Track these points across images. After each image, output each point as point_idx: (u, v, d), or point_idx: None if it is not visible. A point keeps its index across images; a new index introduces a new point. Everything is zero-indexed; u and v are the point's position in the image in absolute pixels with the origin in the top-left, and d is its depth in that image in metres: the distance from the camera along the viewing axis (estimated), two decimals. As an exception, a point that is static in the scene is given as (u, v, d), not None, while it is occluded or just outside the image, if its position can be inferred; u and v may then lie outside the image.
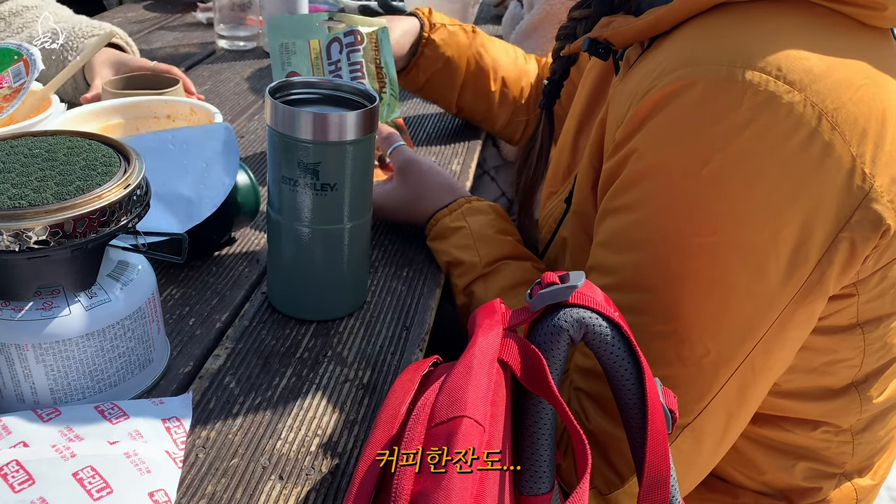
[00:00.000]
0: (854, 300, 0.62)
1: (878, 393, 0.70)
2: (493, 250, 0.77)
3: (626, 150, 0.59)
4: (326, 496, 0.52)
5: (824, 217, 0.53)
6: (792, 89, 0.52)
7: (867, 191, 0.53)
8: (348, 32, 0.94)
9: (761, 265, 0.54)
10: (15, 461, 0.46)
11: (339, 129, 0.60)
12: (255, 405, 0.59)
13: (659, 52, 0.59)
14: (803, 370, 0.66)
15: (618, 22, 0.65)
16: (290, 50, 0.94)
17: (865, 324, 0.64)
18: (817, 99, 0.52)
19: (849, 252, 0.55)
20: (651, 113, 0.56)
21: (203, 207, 0.70)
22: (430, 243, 0.81)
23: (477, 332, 0.48)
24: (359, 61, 0.94)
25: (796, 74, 0.52)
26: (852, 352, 0.66)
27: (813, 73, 0.52)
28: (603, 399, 0.60)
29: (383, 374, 0.64)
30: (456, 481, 0.37)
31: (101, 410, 0.52)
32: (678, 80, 0.54)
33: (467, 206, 0.81)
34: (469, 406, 0.41)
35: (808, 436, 0.70)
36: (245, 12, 1.41)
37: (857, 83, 0.53)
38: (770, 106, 0.51)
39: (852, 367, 0.67)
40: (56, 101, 0.86)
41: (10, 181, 0.51)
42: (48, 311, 0.51)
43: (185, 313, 0.68)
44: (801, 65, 0.52)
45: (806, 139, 0.52)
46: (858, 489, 0.75)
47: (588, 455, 0.42)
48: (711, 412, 0.59)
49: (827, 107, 0.52)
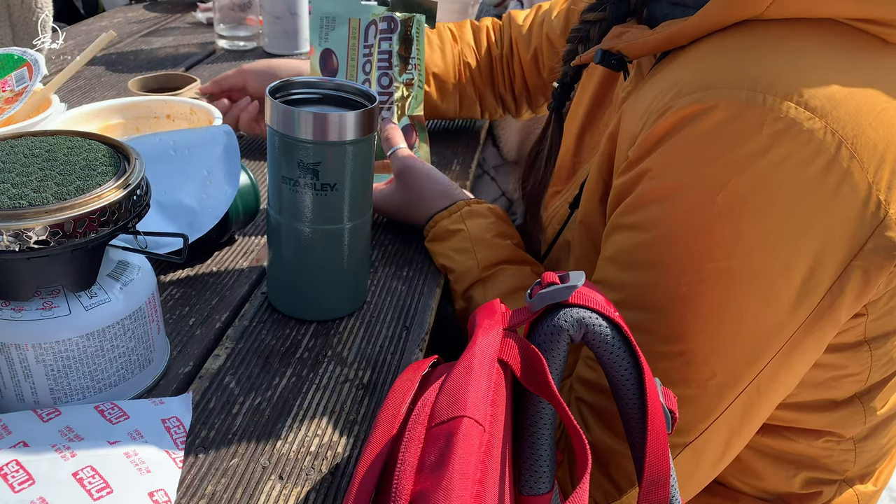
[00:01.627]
0: (863, 319, 0.61)
1: (882, 404, 0.70)
2: (492, 254, 0.77)
3: (639, 169, 0.58)
4: (326, 496, 0.52)
5: (838, 245, 0.53)
6: (813, 116, 0.51)
7: (882, 218, 0.52)
8: (384, 18, 0.92)
9: (772, 292, 0.54)
10: (15, 461, 0.46)
11: (339, 129, 0.60)
12: (255, 405, 0.59)
13: (675, 69, 0.58)
14: (810, 385, 0.65)
15: (631, 34, 0.64)
16: (331, 26, 0.93)
17: (873, 340, 0.64)
18: (838, 126, 0.51)
19: (862, 281, 0.54)
20: (667, 134, 0.55)
21: (205, 218, 0.70)
22: (429, 244, 0.81)
23: (477, 332, 0.48)
24: (388, 50, 0.92)
25: (818, 100, 0.51)
26: (859, 367, 0.65)
27: (834, 98, 0.51)
28: (605, 412, 0.60)
29: (383, 374, 0.64)
30: (456, 481, 0.37)
31: (101, 410, 0.52)
32: (696, 102, 0.53)
33: (466, 209, 0.81)
34: (469, 406, 0.41)
35: (811, 445, 0.70)
36: (245, 12, 1.41)
37: (879, 107, 0.52)
38: (790, 133, 0.51)
39: (858, 382, 0.67)
40: (56, 101, 0.86)
41: (10, 181, 0.51)
42: (48, 311, 0.51)
43: (185, 313, 0.68)
44: (822, 90, 0.51)
45: (824, 167, 0.51)
46: (860, 495, 0.75)
47: (588, 455, 0.42)
48: (714, 432, 0.59)
49: (847, 134, 0.51)
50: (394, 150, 0.86)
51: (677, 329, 0.56)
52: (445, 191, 0.83)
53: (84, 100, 1.13)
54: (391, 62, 0.92)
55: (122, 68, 1.28)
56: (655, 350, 0.56)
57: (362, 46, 0.93)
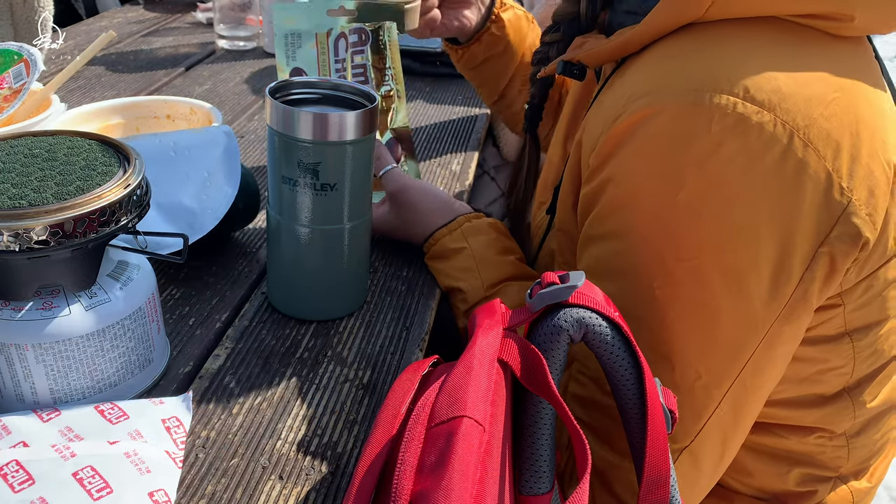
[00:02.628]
0: (840, 310, 0.62)
1: (872, 398, 0.70)
2: (496, 273, 0.76)
3: (601, 178, 0.59)
4: (326, 496, 0.52)
5: (803, 234, 0.53)
6: (761, 109, 0.51)
7: (845, 205, 0.53)
8: (354, 30, 0.88)
9: (744, 286, 0.54)
10: (15, 461, 0.46)
11: (339, 129, 0.60)
12: (255, 405, 0.59)
13: (629, 75, 0.59)
14: (794, 381, 0.66)
15: (590, 43, 0.66)
16: (297, 43, 0.88)
17: (854, 332, 0.64)
18: (787, 117, 0.51)
19: (829, 266, 0.55)
20: (622, 141, 0.56)
21: (206, 220, 0.70)
22: (430, 262, 0.79)
23: (477, 332, 0.48)
24: (362, 64, 0.89)
25: (764, 94, 0.52)
26: (842, 360, 0.66)
27: (782, 91, 0.52)
28: (601, 429, 0.60)
29: (383, 374, 0.64)
30: (456, 481, 0.37)
31: (101, 410, 0.52)
32: (645, 107, 0.54)
33: (467, 226, 0.79)
34: (469, 406, 0.41)
35: (803, 441, 0.70)
36: (245, 12, 1.41)
37: (829, 98, 0.53)
38: (739, 128, 0.51)
39: (843, 375, 0.67)
40: (56, 101, 0.86)
41: (10, 181, 0.51)
42: (48, 311, 0.51)
43: (185, 313, 0.68)
44: (769, 84, 0.52)
45: (779, 158, 0.52)
46: (854, 492, 0.75)
47: (588, 455, 0.42)
48: (708, 433, 0.59)
49: (798, 124, 0.52)
50: (385, 171, 0.82)
51: (660, 334, 0.57)
52: (443, 205, 0.81)
53: (84, 100, 1.13)
54: (367, 76, 0.89)
55: (122, 68, 1.28)
56: None
57: (333, 62, 0.88)
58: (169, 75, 1.26)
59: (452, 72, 1.35)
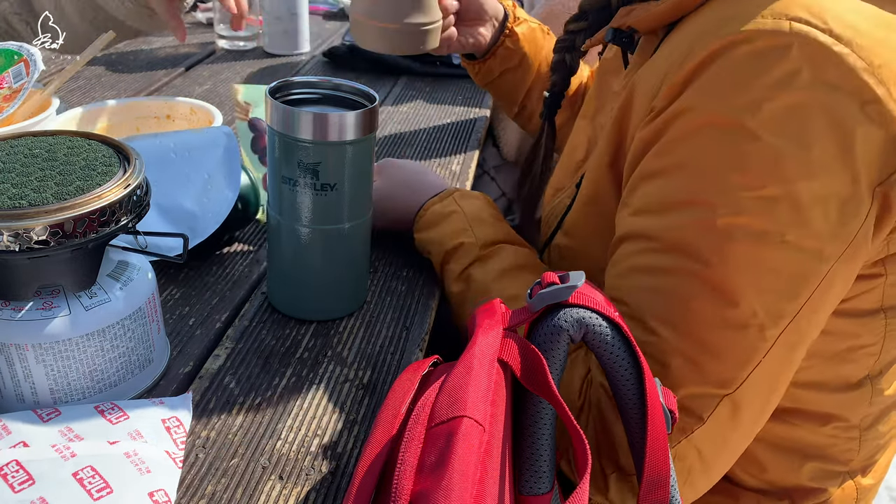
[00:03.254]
0: (881, 281, 0.61)
1: (888, 385, 0.70)
2: (490, 232, 0.75)
3: (669, 113, 0.58)
4: (326, 496, 0.52)
5: (869, 170, 0.53)
6: (839, 42, 0.52)
7: None
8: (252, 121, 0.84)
9: (812, 218, 0.53)
10: (15, 461, 0.46)
11: (339, 129, 0.60)
12: (255, 405, 0.59)
13: (689, 25, 0.59)
14: (823, 356, 0.65)
15: (638, 10, 0.65)
16: None
17: (889, 309, 0.64)
18: (863, 53, 0.52)
19: (882, 206, 0.54)
20: (694, 75, 0.56)
21: (207, 223, 0.70)
22: (419, 234, 0.78)
23: (477, 332, 0.48)
24: None
25: (842, 29, 0.52)
26: (874, 337, 0.65)
27: (858, 29, 0.52)
28: None
29: (383, 374, 0.64)
30: (456, 481, 0.37)
31: (101, 410, 0.52)
32: (723, 37, 0.54)
33: (458, 193, 0.79)
34: (469, 406, 0.41)
35: (817, 431, 0.70)
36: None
37: None
38: (819, 57, 0.52)
39: (871, 355, 0.66)
40: (56, 101, 0.86)
41: (10, 181, 0.51)
42: (48, 311, 0.51)
43: (185, 313, 0.68)
44: (845, 19, 0.53)
45: (855, 91, 0.51)
46: (860, 488, 0.75)
47: (588, 455, 0.42)
48: (754, 381, 0.56)
49: (874, 61, 0.52)
50: None
51: (717, 268, 0.55)
52: (435, 179, 0.83)
53: (84, 100, 1.13)
54: None
55: (122, 68, 1.28)
56: (693, 291, 0.55)
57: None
58: (169, 75, 1.26)
59: (452, 72, 1.35)
